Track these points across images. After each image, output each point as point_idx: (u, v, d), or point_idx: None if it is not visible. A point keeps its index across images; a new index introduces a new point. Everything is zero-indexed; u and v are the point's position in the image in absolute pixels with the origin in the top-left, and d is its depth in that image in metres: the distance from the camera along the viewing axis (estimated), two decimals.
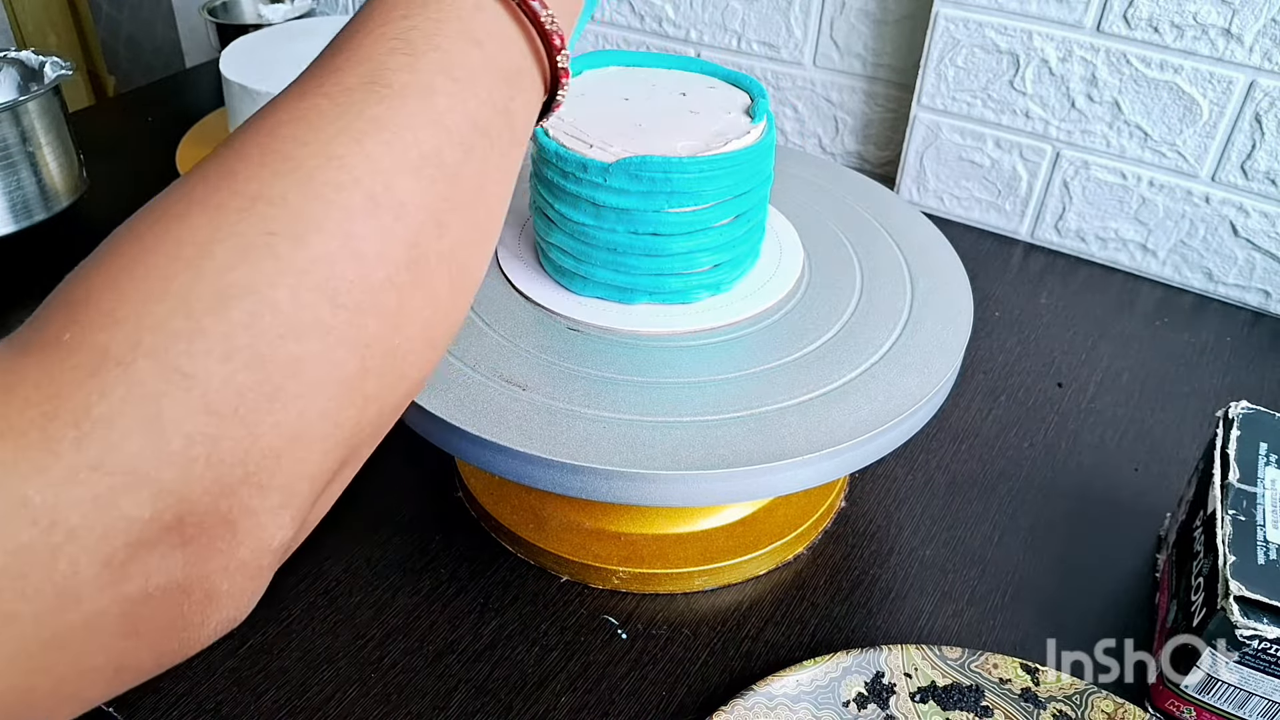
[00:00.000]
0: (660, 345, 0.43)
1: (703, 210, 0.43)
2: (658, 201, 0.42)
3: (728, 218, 0.44)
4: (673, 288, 0.45)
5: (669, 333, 0.44)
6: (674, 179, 0.41)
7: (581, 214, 0.43)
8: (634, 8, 0.87)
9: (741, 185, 0.43)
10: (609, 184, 0.42)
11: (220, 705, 0.41)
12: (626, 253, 0.44)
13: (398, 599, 0.46)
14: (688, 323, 0.45)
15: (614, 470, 0.37)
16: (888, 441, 0.41)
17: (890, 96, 0.80)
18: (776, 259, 0.49)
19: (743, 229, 0.45)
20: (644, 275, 0.44)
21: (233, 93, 0.78)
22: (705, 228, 0.43)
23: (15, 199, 0.66)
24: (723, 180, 0.42)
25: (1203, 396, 0.61)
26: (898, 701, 0.41)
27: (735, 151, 0.42)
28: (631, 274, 0.44)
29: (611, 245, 0.43)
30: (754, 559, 0.48)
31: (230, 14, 1.03)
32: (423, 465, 0.53)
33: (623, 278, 0.44)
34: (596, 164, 0.42)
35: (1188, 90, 0.65)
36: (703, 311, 0.45)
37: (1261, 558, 0.39)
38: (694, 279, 0.45)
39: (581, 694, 0.42)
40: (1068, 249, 0.74)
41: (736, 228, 0.44)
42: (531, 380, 0.41)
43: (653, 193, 0.42)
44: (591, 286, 0.45)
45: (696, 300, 0.46)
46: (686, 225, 0.43)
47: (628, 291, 0.45)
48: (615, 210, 0.42)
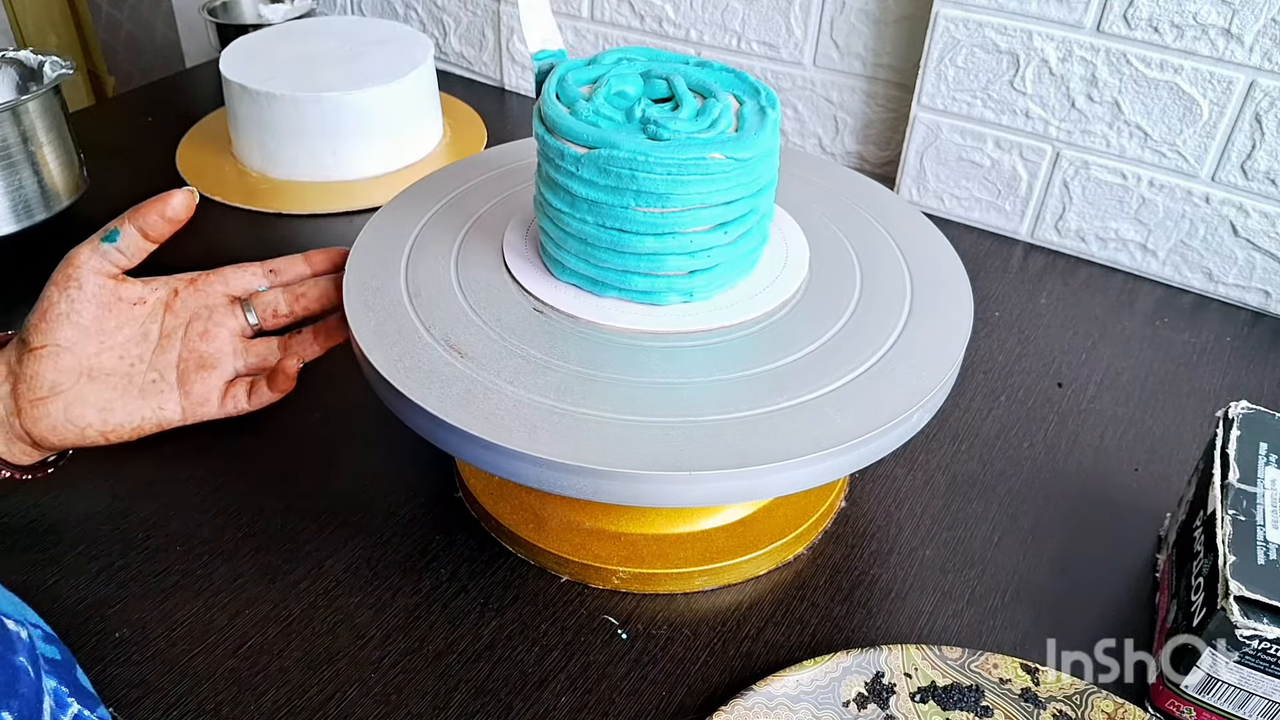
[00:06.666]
0: (660, 345, 0.43)
1: (672, 213, 0.42)
2: (625, 198, 0.42)
3: (702, 225, 0.43)
4: (639, 286, 0.44)
5: (668, 332, 0.44)
6: (639, 177, 0.41)
7: (560, 200, 0.44)
8: (634, 8, 0.87)
9: (719, 195, 0.42)
10: (580, 174, 0.42)
11: (220, 705, 0.41)
12: (595, 244, 0.43)
13: (398, 599, 0.46)
14: (686, 324, 0.44)
15: (614, 470, 0.37)
16: (888, 441, 0.41)
17: (890, 96, 0.80)
18: (779, 266, 0.48)
19: (725, 239, 0.44)
20: (611, 270, 0.44)
21: (233, 93, 0.78)
22: (674, 231, 0.43)
23: (15, 199, 0.66)
24: (694, 185, 0.41)
25: (1203, 396, 0.61)
26: (898, 701, 0.42)
27: (708, 159, 0.41)
28: (600, 266, 0.44)
29: (582, 235, 0.44)
30: (754, 559, 0.48)
31: (230, 14, 1.03)
32: (423, 465, 0.53)
33: (592, 269, 0.44)
34: (572, 154, 0.42)
35: (1188, 90, 0.65)
36: (702, 314, 0.45)
37: (1261, 558, 0.39)
38: (662, 281, 0.44)
39: (581, 694, 0.42)
40: (1068, 249, 0.75)
41: (716, 237, 0.43)
42: (531, 380, 0.41)
43: (620, 189, 0.42)
44: (566, 273, 0.46)
45: (666, 304, 0.45)
46: (653, 226, 0.42)
47: (598, 284, 0.45)
48: (586, 201, 0.42)
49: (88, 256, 0.44)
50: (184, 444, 0.54)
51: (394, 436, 0.54)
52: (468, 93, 0.96)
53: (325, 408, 0.57)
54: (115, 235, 0.44)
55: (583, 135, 0.42)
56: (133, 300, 0.46)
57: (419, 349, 0.42)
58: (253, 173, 0.81)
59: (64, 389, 0.44)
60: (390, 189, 0.59)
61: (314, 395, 0.56)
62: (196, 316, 0.47)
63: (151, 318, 0.46)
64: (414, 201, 0.53)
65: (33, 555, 0.47)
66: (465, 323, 0.44)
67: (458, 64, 1.01)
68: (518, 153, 0.58)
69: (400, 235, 0.50)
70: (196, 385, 0.47)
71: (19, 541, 0.48)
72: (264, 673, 0.43)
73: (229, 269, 0.48)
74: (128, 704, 0.41)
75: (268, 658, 0.43)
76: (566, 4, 0.90)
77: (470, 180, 0.55)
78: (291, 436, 0.55)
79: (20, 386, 0.43)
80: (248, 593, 0.46)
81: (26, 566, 0.47)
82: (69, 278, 0.43)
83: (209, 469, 0.52)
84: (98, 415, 0.44)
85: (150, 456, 0.53)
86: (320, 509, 0.50)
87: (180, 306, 0.47)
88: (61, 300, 0.43)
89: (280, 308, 0.49)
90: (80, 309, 0.44)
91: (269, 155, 0.79)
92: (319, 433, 0.55)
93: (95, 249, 0.44)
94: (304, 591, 0.46)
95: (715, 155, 0.41)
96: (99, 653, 0.43)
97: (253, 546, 0.48)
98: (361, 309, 0.45)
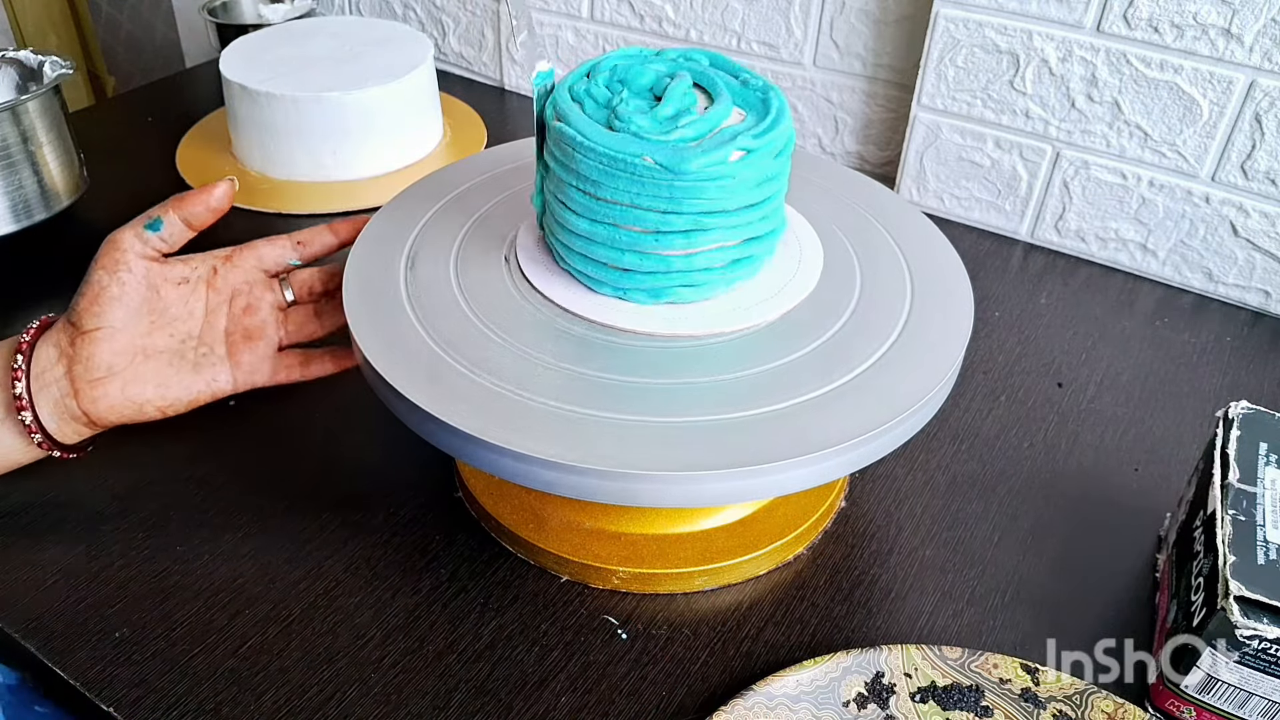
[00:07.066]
0: (660, 345, 0.43)
1: (608, 205, 0.42)
2: (571, 176, 0.43)
3: (642, 226, 0.42)
4: (642, 285, 0.44)
5: (669, 335, 0.44)
6: (578, 159, 0.42)
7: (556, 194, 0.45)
8: (634, 8, 0.87)
9: (653, 201, 0.41)
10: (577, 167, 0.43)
11: (220, 705, 0.41)
12: (594, 241, 0.44)
13: (398, 599, 0.46)
14: (686, 325, 0.44)
15: (614, 470, 0.37)
16: (888, 441, 0.41)
17: (890, 96, 0.80)
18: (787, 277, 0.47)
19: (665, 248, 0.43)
20: (575, 253, 0.45)
21: (233, 93, 0.78)
22: (606, 222, 0.43)
23: (15, 199, 0.66)
24: (624, 182, 0.41)
25: (1203, 396, 0.61)
26: (898, 701, 0.41)
27: (635, 160, 0.41)
28: (602, 265, 0.44)
29: (581, 232, 0.44)
30: (754, 559, 0.48)
31: (230, 14, 1.03)
32: (423, 465, 0.53)
33: (593, 267, 0.44)
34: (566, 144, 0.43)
35: (1188, 90, 0.65)
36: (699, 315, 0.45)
37: (1261, 558, 0.39)
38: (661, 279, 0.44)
39: (581, 694, 0.42)
40: (1068, 249, 0.75)
41: (664, 243, 0.42)
42: (531, 380, 0.41)
43: (566, 166, 0.43)
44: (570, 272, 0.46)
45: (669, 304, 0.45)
46: (590, 212, 0.43)
47: (600, 283, 0.45)
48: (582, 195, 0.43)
49: (131, 241, 0.45)
50: (184, 444, 0.54)
51: (394, 436, 0.54)
52: (468, 93, 0.96)
53: (325, 408, 0.57)
54: (159, 224, 0.46)
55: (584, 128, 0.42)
56: (176, 280, 0.47)
57: (419, 349, 0.42)
58: (253, 173, 0.81)
59: (120, 369, 0.45)
60: (390, 189, 0.59)
61: (314, 395, 0.56)
62: (238, 293, 0.49)
63: (195, 296, 0.48)
64: (414, 201, 0.53)
65: (33, 555, 0.47)
66: (465, 323, 0.44)
67: (457, 64, 1.01)
68: (518, 153, 0.58)
69: (400, 235, 0.50)
70: (246, 355, 0.48)
71: (19, 541, 0.48)
72: (264, 673, 0.43)
73: (260, 242, 0.50)
74: (128, 704, 0.41)
75: (268, 658, 0.43)
76: (567, 4, 0.90)
77: (470, 180, 0.55)
78: (292, 436, 0.55)
79: (76, 368, 0.44)
80: (248, 593, 0.46)
81: (27, 566, 0.47)
82: (117, 262, 0.45)
83: (209, 469, 0.52)
84: (155, 391, 0.46)
85: (150, 456, 0.53)
86: (320, 509, 0.50)
87: (221, 283, 0.49)
88: (112, 284, 0.45)
89: (315, 285, 0.51)
90: (130, 291, 0.45)
91: (269, 155, 0.79)
92: (319, 432, 0.55)
93: (138, 234, 0.45)
94: (304, 591, 0.46)
95: (647, 159, 0.41)
96: (99, 653, 0.43)
97: (253, 547, 0.48)
98: (361, 309, 0.45)
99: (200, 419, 0.49)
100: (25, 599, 0.45)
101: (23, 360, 0.44)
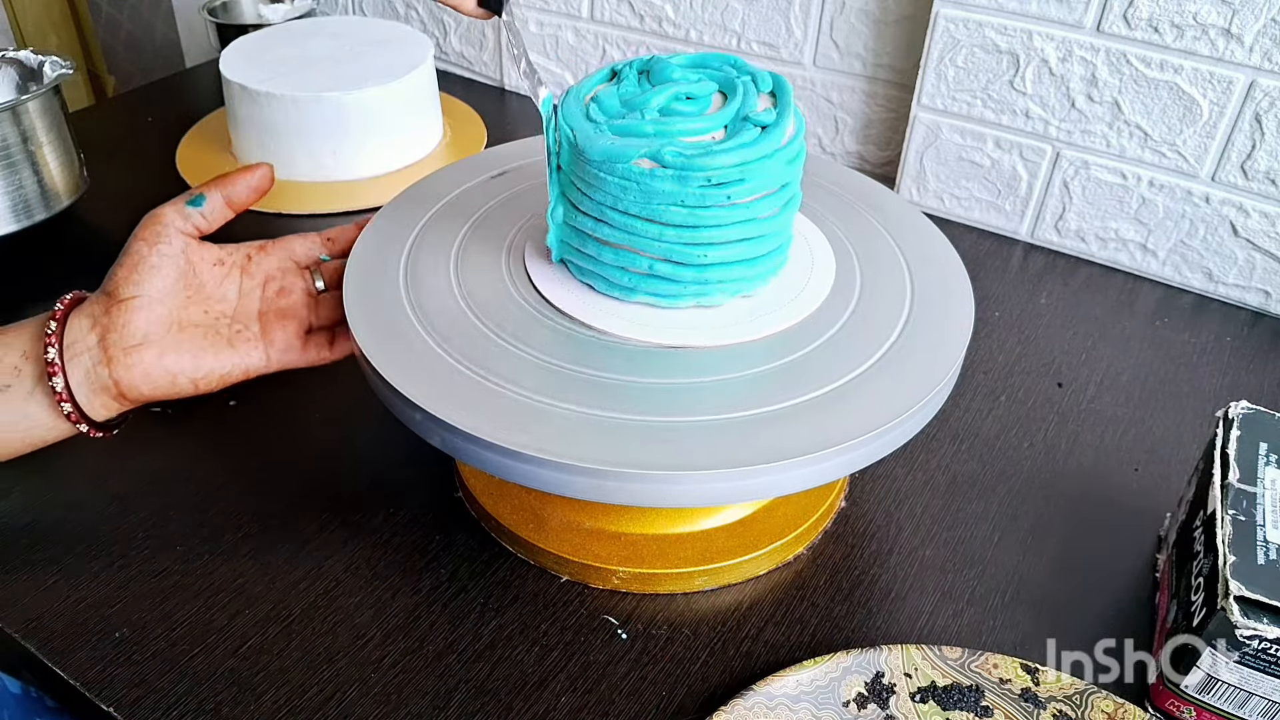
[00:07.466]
0: (661, 345, 0.43)
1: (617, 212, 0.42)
2: (580, 182, 0.43)
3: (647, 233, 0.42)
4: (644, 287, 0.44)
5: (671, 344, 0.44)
6: (587, 167, 0.42)
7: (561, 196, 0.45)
8: (634, 8, 0.87)
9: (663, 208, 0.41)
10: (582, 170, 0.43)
11: (220, 705, 0.41)
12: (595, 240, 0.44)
13: (398, 599, 0.46)
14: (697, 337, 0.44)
15: (614, 470, 0.37)
16: (888, 442, 0.41)
17: (890, 96, 0.80)
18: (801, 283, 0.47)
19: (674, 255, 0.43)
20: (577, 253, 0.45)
21: (233, 93, 0.78)
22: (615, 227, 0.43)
23: (15, 199, 0.66)
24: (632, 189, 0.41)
25: (1203, 396, 0.61)
26: (898, 701, 0.42)
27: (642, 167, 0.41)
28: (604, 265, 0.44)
29: (585, 232, 0.44)
30: (754, 559, 0.48)
31: (230, 14, 1.03)
32: (423, 465, 0.53)
33: (595, 266, 0.45)
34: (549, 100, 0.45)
35: (1188, 90, 0.65)
36: (696, 318, 0.45)
37: (1261, 558, 0.39)
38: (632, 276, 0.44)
39: (581, 694, 0.42)
40: (1068, 249, 0.75)
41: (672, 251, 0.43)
42: (532, 380, 0.41)
43: (577, 173, 0.43)
44: (575, 273, 0.46)
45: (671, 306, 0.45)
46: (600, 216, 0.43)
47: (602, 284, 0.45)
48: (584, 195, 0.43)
49: (173, 216, 0.46)
50: (184, 444, 0.54)
51: (394, 436, 0.54)
52: (468, 93, 0.96)
53: (325, 408, 0.57)
54: (201, 200, 0.47)
55: None
56: (213, 261, 0.48)
57: (419, 349, 0.42)
58: None
59: (156, 339, 0.45)
60: (390, 189, 0.59)
61: (314, 395, 0.56)
62: (271, 279, 0.50)
63: (230, 279, 0.49)
64: (414, 201, 0.53)
65: (33, 555, 0.47)
66: (465, 323, 0.44)
67: (458, 64, 1.01)
68: (518, 153, 0.58)
69: (400, 235, 0.50)
70: (279, 334, 0.48)
71: (19, 541, 0.48)
72: (264, 673, 0.43)
73: (293, 237, 0.51)
74: (128, 704, 0.41)
75: (268, 658, 0.43)
76: (567, 4, 0.90)
77: (470, 180, 0.55)
78: (292, 436, 0.55)
79: (110, 336, 0.44)
80: (248, 593, 0.46)
81: (26, 566, 0.47)
82: (158, 234, 0.45)
83: (209, 469, 0.52)
84: (191, 362, 0.46)
85: (150, 456, 0.53)
86: (320, 509, 0.50)
87: (255, 269, 0.50)
88: (152, 254, 0.45)
89: None
90: (169, 263, 0.45)
91: (269, 155, 0.79)
92: (319, 433, 0.55)
93: (179, 210, 0.46)
94: (304, 591, 0.46)
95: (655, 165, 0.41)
96: (99, 653, 0.43)
97: (253, 546, 0.48)
98: (361, 309, 0.45)
99: (200, 419, 0.49)
100: (25, 599, 0.45)
101: (56, 326, 0.44)
